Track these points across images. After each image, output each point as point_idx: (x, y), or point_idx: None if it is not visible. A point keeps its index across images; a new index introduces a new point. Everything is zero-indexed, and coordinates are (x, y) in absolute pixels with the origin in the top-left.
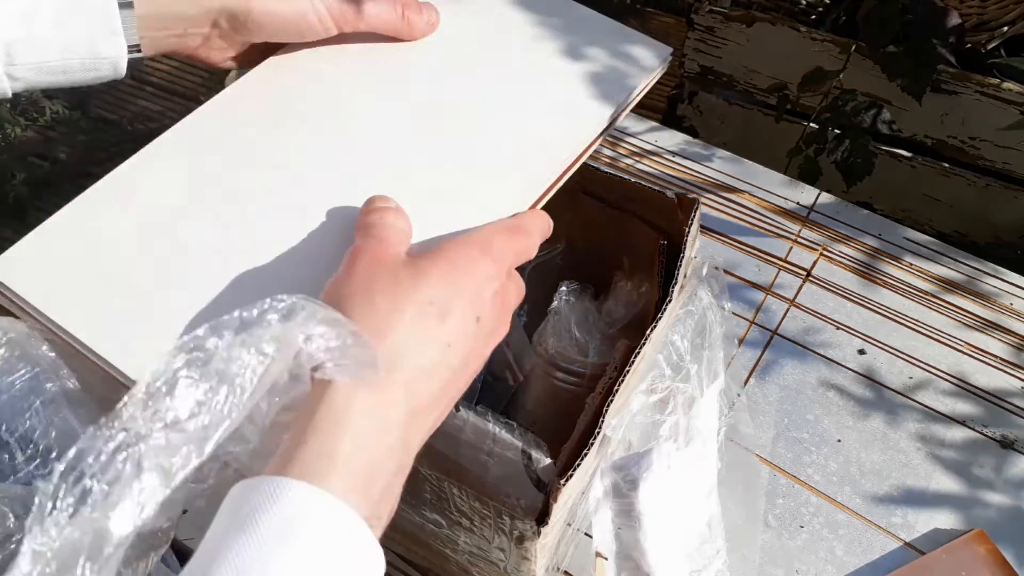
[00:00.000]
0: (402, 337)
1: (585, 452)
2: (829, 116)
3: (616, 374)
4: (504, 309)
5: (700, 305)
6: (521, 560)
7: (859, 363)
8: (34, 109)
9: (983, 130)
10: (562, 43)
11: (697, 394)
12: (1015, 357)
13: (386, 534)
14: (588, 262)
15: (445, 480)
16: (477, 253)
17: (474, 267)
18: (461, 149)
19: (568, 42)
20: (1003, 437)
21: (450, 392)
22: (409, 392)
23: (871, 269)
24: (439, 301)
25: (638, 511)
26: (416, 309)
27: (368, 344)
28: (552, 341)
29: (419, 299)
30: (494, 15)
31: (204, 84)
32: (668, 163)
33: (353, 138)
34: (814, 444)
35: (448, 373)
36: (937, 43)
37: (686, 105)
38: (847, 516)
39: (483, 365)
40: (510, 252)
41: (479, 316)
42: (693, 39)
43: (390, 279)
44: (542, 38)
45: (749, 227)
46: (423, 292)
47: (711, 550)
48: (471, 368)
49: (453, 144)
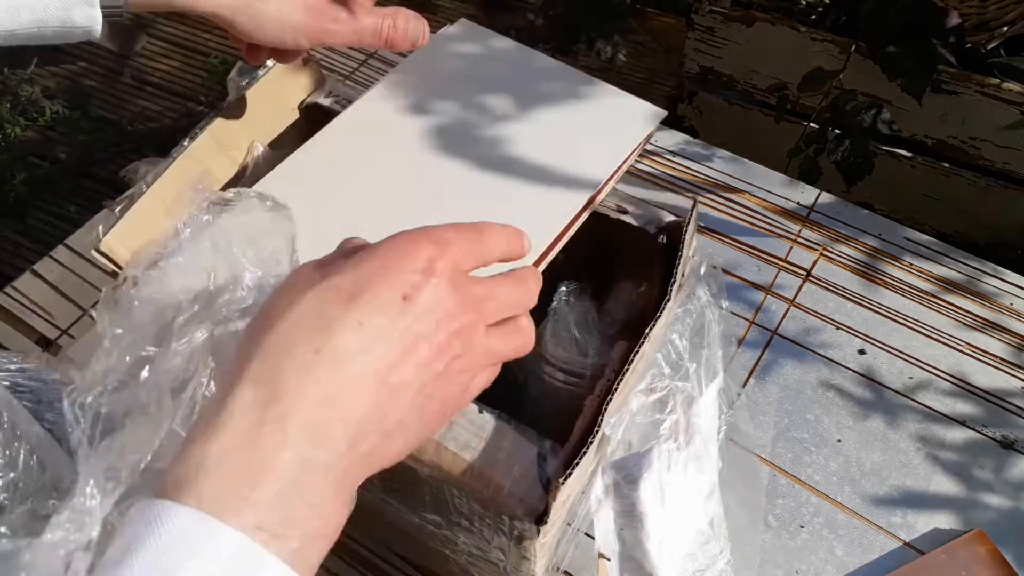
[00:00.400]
0: (291, 324)
1: (584, 451)
2: (829, 116)
3: (615, 374)
4: (466, 331)
5: (698, 304)
6: (521, 560)
7: (859, 363)
8: (34, 109)
9: (983, 130)
10: (557, 109)
11: (696, 393)
12: (1015, 357)
13: (386, 534)
14: (587, 262)
15: (444, 481)
16: (420, 235)
17: (404, 249)
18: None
19: (563, 108)
20: (1003, 437)
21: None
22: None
23: (871, 269)
24: (348, 283)
25: (639, 511)
26: (316, 294)
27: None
28: (551, 342)
29: (324, 285)
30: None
31: (204, 84)
32: (668, 163)
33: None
34: (814, 444)
35: (364, 357)
36: (937, 43)
37: (686, 105)
38: (847, 516)
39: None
40: (460, 250)
41: (406, 295)
42: (693, 39)
43: (306, 277)
44: (539, 105)
45: (749, 227)
46: (331, 279)
47: (714, 550)
48: (412, 359)
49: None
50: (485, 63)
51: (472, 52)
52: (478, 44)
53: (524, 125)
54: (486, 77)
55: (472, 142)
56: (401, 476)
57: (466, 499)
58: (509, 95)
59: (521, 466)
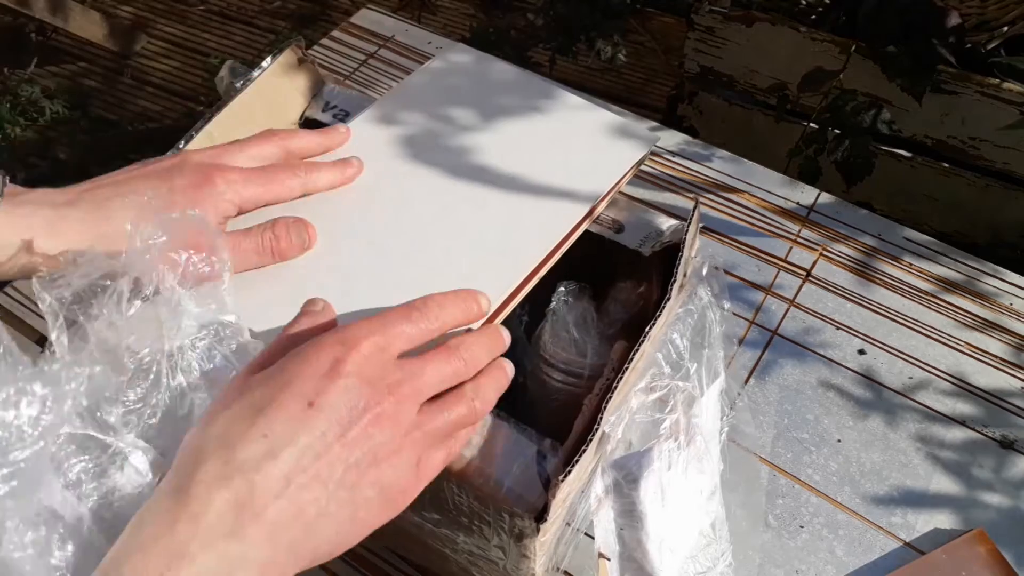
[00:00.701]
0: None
1: (584, 448)
2: (829, 116)
3: (614, 372)
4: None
5: (699, 304)
6: (520, 558)
7: (859, 363)
8: (34, 109)
9: (983, 130)
10: (550, 132)
11: (697, 393)
12: (1015, 357)
13: (386, 534)
14: (587, 262)
15: (444, 478)
16: (327, 339)
17: (307, 357)
18: (441, 242)
19: (555, 131)
20: (1003, 437)
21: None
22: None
23: (871, 269)
24: (258, 398)
25: (639, 510)
26: (231, 412)
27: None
28: (550, 342)
29: (239, 403)
30: (483, 103)
31: (204, 84)
32: (668, 163)
33: None
34: (814, 444)
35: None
36: (937, 43)
37: (686, 105)
38: (847, 516)
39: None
40: (375, 343)
41: (311, 401)
42: (693, 39)
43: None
44: (532, 127)
45: (749, 227)
46: (245, 396)
47: (715, 552)
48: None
49: (435, 235)
50: (470, 89)
51: (457, 80)
52: (463, 69)
53: (507, 154)
54: (472, 103)
55: (452, 172)
56: None
57: (466, 496)
58: (492, 123)
59: (521, 463)
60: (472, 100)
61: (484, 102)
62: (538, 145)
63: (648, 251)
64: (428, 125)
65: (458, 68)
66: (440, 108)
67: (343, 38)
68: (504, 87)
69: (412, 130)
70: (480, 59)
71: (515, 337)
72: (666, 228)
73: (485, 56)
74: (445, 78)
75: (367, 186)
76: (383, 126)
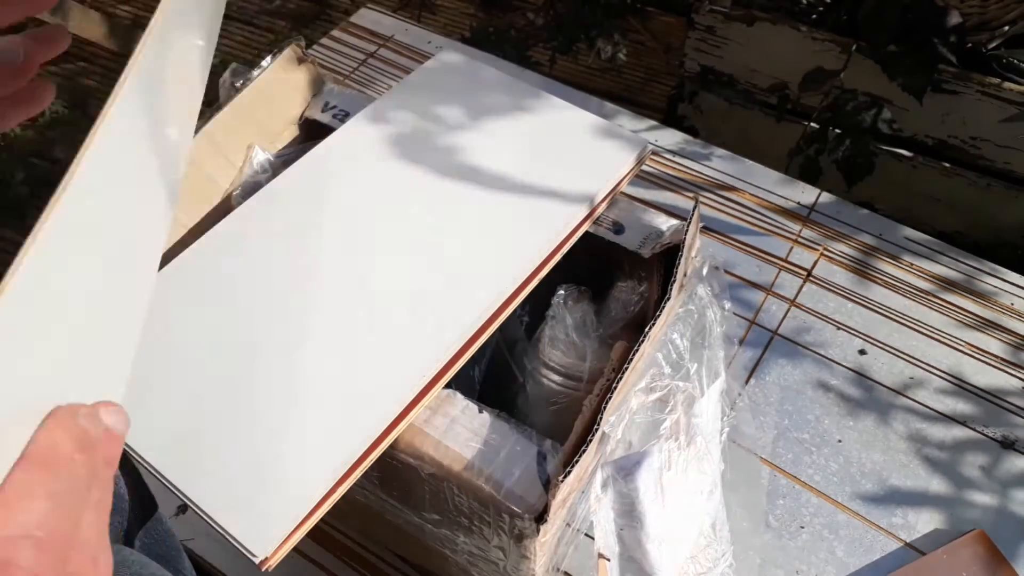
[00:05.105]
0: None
1: (584, 449)
2: (830, 116)
3: (614, 373)
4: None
5: (699, 304)
6: (520, 559)
7: (859, 363)
8: None
9: (984, 130)
10: (542, 141)
11: (697, 393)
12: (1014, 357)
13: (386, 534)
14: (587, 263)
15: (444, 479)
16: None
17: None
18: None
19: (548, 140)
20: (1003, 437)
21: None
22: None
23: (872, 269)
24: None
25: (639, 510)
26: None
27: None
28: (549, 345)
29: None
30: (473, 110)
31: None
32: (668, 162)
33: None
34: (814, 445)
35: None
36: (938, 42)
37: (686, 105)
38: (848, 517)
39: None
40: None
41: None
42: (693, 39)
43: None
44: (522, 135)
45: (749, 227)
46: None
47: (716, 553)
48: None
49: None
50: (467, 91)
51: (455, 82)
52: (460, 71)
53: (504, 157)
54: (469, 106)
55: (451, 175)
56: (401, 475)
57: (466, 497)
58: (488, 126)
59: (521, 464)
60: (469, 103)
61: (481, 105)
62: (535, 149)
63: (648, 252)
64: (424, 127)
65: (455, 70)
66: (436, 110)
67: (343, 38)
68: (501, 89)
69: (409, 132)
70: (476, 61)
71: (515, 338)
72: (666, 228)
73: (478, 64)
74: (443, 80)
75: (367, 187)
76: (381, 127)
